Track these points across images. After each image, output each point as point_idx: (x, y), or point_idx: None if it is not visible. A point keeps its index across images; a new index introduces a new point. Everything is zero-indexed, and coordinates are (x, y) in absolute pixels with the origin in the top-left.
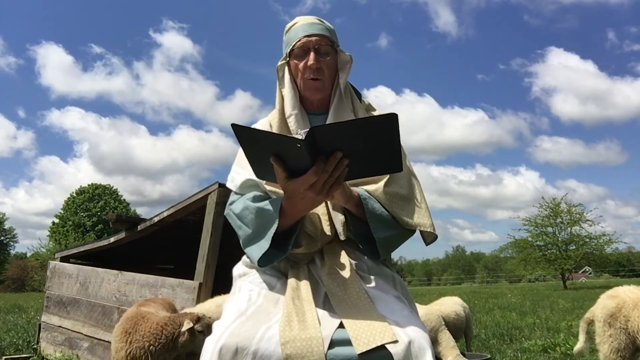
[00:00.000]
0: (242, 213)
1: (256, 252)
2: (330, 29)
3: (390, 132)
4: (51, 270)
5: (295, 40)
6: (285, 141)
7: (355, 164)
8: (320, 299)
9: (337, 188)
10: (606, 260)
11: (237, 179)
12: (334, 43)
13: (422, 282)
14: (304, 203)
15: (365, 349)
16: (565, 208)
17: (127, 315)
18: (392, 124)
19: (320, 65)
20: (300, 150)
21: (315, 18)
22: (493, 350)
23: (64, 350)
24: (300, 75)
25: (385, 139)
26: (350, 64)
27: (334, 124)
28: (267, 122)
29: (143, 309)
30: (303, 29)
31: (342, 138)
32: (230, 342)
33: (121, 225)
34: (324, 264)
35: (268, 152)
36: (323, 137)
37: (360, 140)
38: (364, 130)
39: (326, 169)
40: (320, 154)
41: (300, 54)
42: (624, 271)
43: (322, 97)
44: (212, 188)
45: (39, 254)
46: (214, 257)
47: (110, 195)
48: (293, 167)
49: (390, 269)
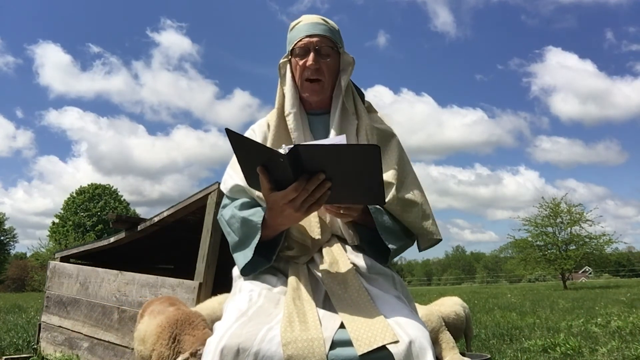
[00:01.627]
0: (230, 220)
1: (241, 259)
2: (334, 29)
3: (371, 163)
4: (51, 270)
5: (297, 39)
6: (270, 154)
7: (337, 189)
8: (320, 299)
9: (316, 208)
10: (606, 260)
11: (228, 182)
12: (336, 44)
13: (422, 282)
14: (282, 217)
15: (367, 349)
16: (565, 208)
17: (172, 317)
18: (374, 156)
19: (319, 66)
20: (284, 165)
21: (319, 18)
22: (493, 350)
23: (64, 350)
24: (299, 74)
25: (367, 169)
26: (352, 66)
27: (316, 145)
28: (265, 121)
29: (185, 309)
30: (306, 29)
31: (325, 160)
32: (232, 343)
33: (121, 225)
34: (324, 263)
35: (256, 162)
36: (306, 156)
37: (342, 166)
38: (346, 157)
39: (306, 188)
40: (303, 172)
41: (301, 53)
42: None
43: (321, 99)
44: (212, 188)
45: (39, 254)
46: (214, 257)
47: (110, 195)
48: (278, 180)
49: (390, 268)
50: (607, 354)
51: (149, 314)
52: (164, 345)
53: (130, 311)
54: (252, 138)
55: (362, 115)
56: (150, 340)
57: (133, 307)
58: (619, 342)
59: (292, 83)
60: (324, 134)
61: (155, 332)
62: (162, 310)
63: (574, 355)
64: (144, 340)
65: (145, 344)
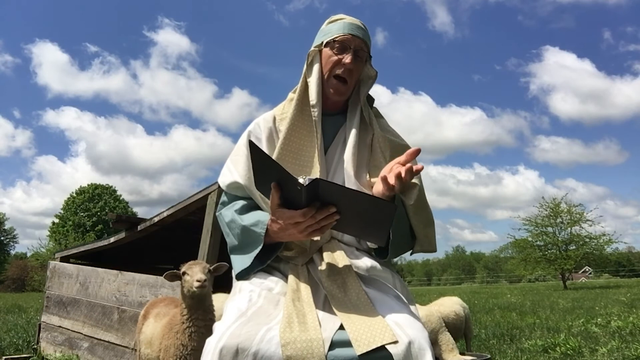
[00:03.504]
0: (230, 224)
1: (238, 264)
2: (370, 39)
3: (385, 217)
4: (51, 270)
5: (339, 33)
6: (289, 178)
7: (344, 223)
8: (320, 300)
9: (318, 234)
10: (606, 260)
11: (227, 178)
12: (369, 55)
13: (422, 282)
14: (283, 233)
15: (366, 350)
16: (565, 208)
17: (177, 319)
18: (390, 211)
19: (352, 67)
20: (300, 192)
21: (361, 22)
22: (493, 350)
23: (64, 350)
24: (330, 68)
25: (379, 219)
26: (373, 80)
27: (338, 185)
28: (271, 116)
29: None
30: (350, 27)
31: (342, 198)
32: (231, 343)
33: (121, 225)
34: (323, 264)
35: (272, 178)
36: (325, 190)
37: (356, 209)
38: (363, 203)
39: (314, 216)
40: (315, 200)
41: (340, 47)
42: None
43: (341, 100)
44: (212, 188)
45: (39, 254)
46: (214, 257)
47: (110, 195)
48: (288, 199)
49: (390, 269)
50: (607, 354)
51: (154, 317)
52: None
53: (130, 311)
54: (257, 134)
55: (374, 126)
56: (157, 343)
57: (133, 307)
58: (619, 342)
59: (319, 75)
60: (332, 135)
61: (161, 334)
62: (167, 312)
63: (574, 355)
64: (151, 343)
65: (152, 347)
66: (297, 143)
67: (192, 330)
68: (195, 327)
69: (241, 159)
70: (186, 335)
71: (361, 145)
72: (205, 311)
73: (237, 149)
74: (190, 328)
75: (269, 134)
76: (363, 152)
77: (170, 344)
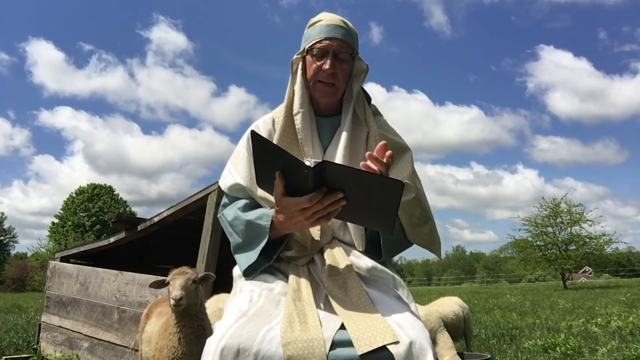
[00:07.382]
0: (233, 222)
1: (244, 261)
2: (353, 34)
3: (392, 197)
4: (51, 270)
5: (316, 39)
6: (295, 163)
7: (351, 209)
8: (321, 300)
9: (324, 221)
10: (606, 260)
11: (228, 180)
12: (354, 50)
13: (422, 282)
14: (290, 222)
15: (367, 349)
16: (565, 208)
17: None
18: (397, 191)
19: (335, 71)
20: (306, 176)
21: (340, 20)
22: (493, 350)
23: (64, 350)
24: (313, 74)
25: (386, 200)
26: (365, 73)
27: (345, 167)
28: (270, 118)
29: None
30: (327, 30)
31: (348, 182)
32: (232, 343)
33: (121, 225)
34: (324, 264)
35: (276, 167)
36: (331, 173)
37: (363, 191)
38: (370, 184)
39: (322, 201)
40: (322, 185)
41: (318, 54)
42: (624, 271)
43: (332, 101)
44: (212, 188)
45: (39, 254)
46: (214, 257)
47: (109, 195)
48: (293, 187)
49: (391, 269)
50: (607, 354)
51: (156, 316)
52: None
53: (130, 311)
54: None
55: (370, 122)
56: (154, 342)
57: (133, 307)
58: (619, 342)
59: (303, 81)
60: (330, 136)
61: (158, 334)
62: (168, 311)
63: (574, 355)
64: (149, 342)
65: (150, 345)
66: (287, 149)
67: (180, 336)
68: (184, 334)
69: (242, 161)
70: (176, 339)
71: (356, 142)
72: (192, 319)
73: (238, 152)
74: (178, 334)
75: (268, 136)
76: (358, 149)
77: (164, 344)
